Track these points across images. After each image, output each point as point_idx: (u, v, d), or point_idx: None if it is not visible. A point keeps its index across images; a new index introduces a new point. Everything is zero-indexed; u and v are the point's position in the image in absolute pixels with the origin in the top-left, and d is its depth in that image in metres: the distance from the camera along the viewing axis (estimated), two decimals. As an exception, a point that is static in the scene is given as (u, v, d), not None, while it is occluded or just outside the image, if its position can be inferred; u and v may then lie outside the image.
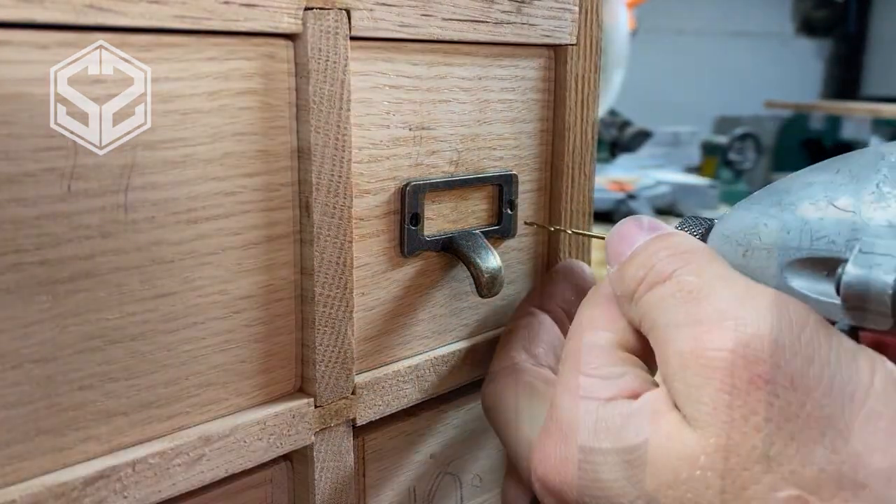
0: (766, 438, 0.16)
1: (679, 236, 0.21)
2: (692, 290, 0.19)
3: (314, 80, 0.21)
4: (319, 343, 0.23)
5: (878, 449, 0.16)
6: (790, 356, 0.17)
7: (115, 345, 0.19)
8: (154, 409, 0.20)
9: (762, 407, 0.17)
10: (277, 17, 0.20)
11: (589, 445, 0.19)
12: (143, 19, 0.18)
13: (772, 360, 0.17)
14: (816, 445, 0.16)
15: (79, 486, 0.18)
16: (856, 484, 0.16)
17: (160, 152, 0.19)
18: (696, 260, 0.20)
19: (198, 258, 0.20)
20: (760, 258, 0.20)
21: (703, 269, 0.20)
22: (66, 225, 0.18)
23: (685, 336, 0.18)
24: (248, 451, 0.21)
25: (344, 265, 0.23)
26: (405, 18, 0.23)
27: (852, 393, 0.16)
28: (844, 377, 0.17)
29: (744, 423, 0.17)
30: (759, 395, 0.17)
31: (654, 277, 0.20)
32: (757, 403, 0.17)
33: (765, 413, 0.17)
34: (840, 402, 0.16)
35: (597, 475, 0.19)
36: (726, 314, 0.18)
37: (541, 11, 0.27)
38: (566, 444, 0.20)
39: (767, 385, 0.17)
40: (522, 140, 0.28)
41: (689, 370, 0.18)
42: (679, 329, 0.19)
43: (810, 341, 0.17)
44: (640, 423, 0.19)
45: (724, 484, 0.17)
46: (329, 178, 0.22)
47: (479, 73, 0.26)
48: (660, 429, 0.18)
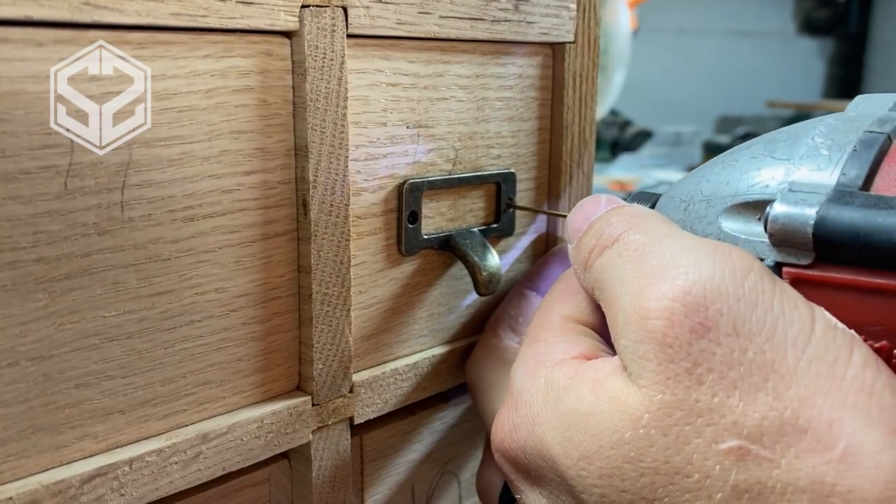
0: (707, 390, 0.16)
1: (632, 206, 0.21)
2: (637, 248, 0.19)
3: (311, 78, 0.21)
4: (317, 341, 0.23)
5: (820, 392, 0.15)
6: (733, 302, 0.17)
7: (113, 342, 0.19)
8: (151, 407, 0.20)
9: (704, 357, 0.16)
10: (274, 15, 0.20)
11: (536, 409, 0.19)
12: (139, 17, 0.18)
13: (713, 307, 0.16)
14: (759, 392, 0.16)
15: (76, 483, 0.18)
16: (797, 429, 0.15)
17: (157, 150, 0.19)
18: (643, 222, 0.20)
19: (195, 256, 0.20)
20: (699, 209, 0.20)
21: (650, 229, 0.19)
22: (63, 222, 0.18)
23: (628, 291, 0.18)
24: (245, 449, 0.21)
25: (341, 263, 0.23)
26: (402, 16, 0.23)
27: (794, 338, 0.16)
28: (787, 322, 0.16)
29: (686, 376, 0.16)
30: (702, 344, 0.16)
31: (604, 241, 0.20)
32: (699, 354, 0.16)
33: (706, 363, 0.16)
34: (783, 347, 0.16)
35: (542, 438, 0.19)
36: (668, 265, 0.18)
37: (538, 9, 0.27)
38: (517, 409, 0.20)
39: (710, 332, 0.16)
40: (521, 138, 0.28)
41: (631, 325, 0.17)
42: (623, 285, 0.18)
43: (754, 287, 0.17)
44: (581, 390, 0.18)
45: (667, 441, 0.16)
46: (326, 175, 0.22)
47: (478, 70, 0.26)
48: (602, 394, 0.18)
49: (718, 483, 0.16)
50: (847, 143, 0.18)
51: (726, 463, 0.16)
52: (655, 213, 0.21)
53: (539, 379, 0.20)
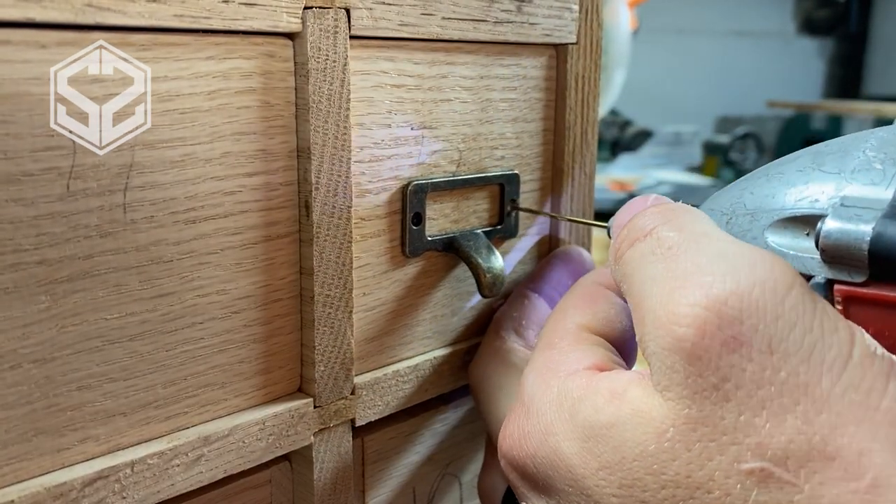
0: (734, 407, 0.16)
1: (672, 202, 0.21)
2: (671, 246, 0.18)
3: (314, 80, 0.21)
4: (319, 343, 0.22)
5: (853, 421, 0.15)
6: (770, 319, 0.16)
7: (114, 345, 0.19)
8: (153, 410, 0.20)
9: (734, 373, 0.16)
10: (277, 16, 0.20)
11: (549, 418, 0.19)
12: (142, 18, 0.18)
13: (749, 322, 0.16)
14: (787, 415, 0.15)
15: (77, 486, 0.18)
16: (825, 455, 0.15)
17: (159, 152, 0.19)
18: (679, 217, 0.19)
19: (197, 258, 0.20)
20: (743, 223, 0.20)
21: (685, 225, 0.19)
22: (65, 225, 0.18)
23: (659, 292, 0.17)
24: (247, 451, 0.21)
25: (344, 265, 0.23)
26: (405, 17, 0.23)
27: (831, 362, 0.15)
28: (825, 345, 0.16)
29: (714, 391, 0.16)
30: (732, 359, 0.16)
31: (636, 234, 0.19)
32: (729, 369, 0.16)
33: (735, 379, 0.16)
34: (819, 371, 0.15)
35: (557, 448, 0.18)
36: (704, 269, 0.17)
37: (541, 10, 0.27)
38: (528, 418, 0.20)
39: (742, 347, 0.16)
40: (524, 139, 0.28)
41: (660, 330, 0.17)
42: (654, 284, 0.18)
43: (794, 305, 0.16)
44: (597, 400, 0.18)
45: (690, 456, 0.16)
46: (329, 177, 0.22)
47: (482, 72, 0.26)
48: (623, 406, 0.17)
49: (738, 502, 0.15)
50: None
51: (748, 483, 0.15)
52: (694, 210, 0.20)
53: (552, 388, 0.20)
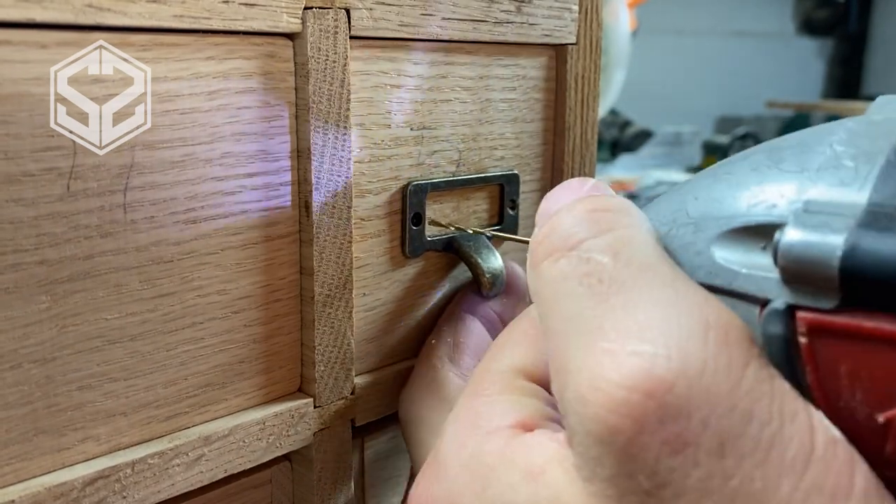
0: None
1: (613, 200, 0.17)
2: (603, 280, 0.15)
3: (314, 80, 0.21)
4: (319, 343, 0.22)
5: None
6: (724, 411, 0.13)
7: (115, 345, 0.19)
8: (153, 410, 0.20)
9: (674, 478, 0.13)
10: (277, 17, 0.20)
11: (459, 487, 0.16)
12: (142, 19, 0.18)
13: (698, 415, 0.13)
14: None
15: (78, 486, 0.18)
16: None
17: (159, 152, 0.19)
18: (616, 231, 0.15)
19: (197, 258, 0.20)
20: (685, 235, 0.16)
21: (623, 248, 0.15)
22: (66, 225, 0.18)
23: (584, 347, 0.14)
24: (247, 451, 0.21)
25: (344, 265, 0.23)
26: (405, 18, 0.23)
27: (792, 460, 0.13)
28: (785, 438, 0.13)
29: (647, 497, 0.13)
30: (674, 463, 0.13)
31: (557, 243, 0.16)
32: (668, 474, 0.13)
33: (674, 487, 0.13)
34: (778, 473, 0.12)
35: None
36: (644, 332, 0.13)
37: (541, 11, 0.27)
38: (438, 481, 0.17)
39: (688, 449, 0.13)
40: (524, 140, 0.28)
41: (587, 409, 0.13)
42: (578, 332, 0.14)
43: (751, 389, 0.13)
44: (512, 477, 0.15)
45: None
46: (329, 177, 0.22)
47: (481, 72, 0.26)
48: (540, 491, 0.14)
49: None
50: (877, 151, 0.14)
51: None
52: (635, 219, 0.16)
53: (466, 448, 0.17)
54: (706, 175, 0.17)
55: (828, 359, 0.14)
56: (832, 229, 0.13)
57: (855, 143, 0.15)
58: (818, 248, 0.13)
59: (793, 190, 0.15)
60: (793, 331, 0.14)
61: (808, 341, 0.14)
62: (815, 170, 0.15)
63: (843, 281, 0.13)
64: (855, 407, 0.13)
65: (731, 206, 0.15)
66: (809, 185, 0.14)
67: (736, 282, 0.15)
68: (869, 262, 0.13)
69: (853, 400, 0.14)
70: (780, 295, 0.14)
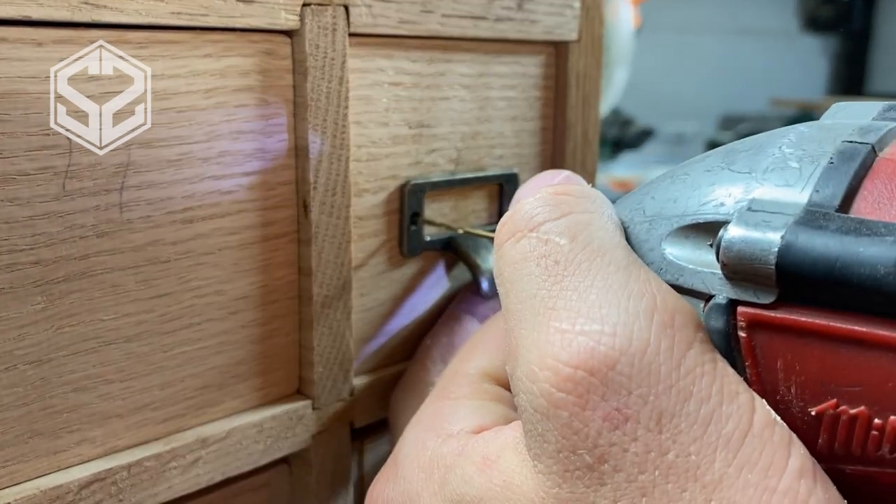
0: (609, 493, 0.13)
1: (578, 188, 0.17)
2: (559, 261, 0.15)
3: (312, 78, 0.21)
4: (318, 344, 0.22)
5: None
6: (663, 389, 0.13)
7: (111, 346, 0.19)
8: (150, 412, 0.20)
9: (613, 453, 0.13)
10: (275, 14, 0.20)
11: (417, 488, 0.16)
12: (139, 16, 0.17)
13: (638, 391, 0.13)
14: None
15: (74, 489, 0.18)
16: None
17: (156, 151, 0.19)
18: (576, 215, 0.16)
19: (194, 258, 0.20)
20: (640, 232, 0.17)
21: (581, 231, 0.15)
22: (61, 224, 0.17)
23: (536, 326, 0.14)
24: (245, 453, 0.21)
25: (342, 265, 0.22)
26: (404, 14, 0.23)
27: (728, 436, 0.13)
28: (723, 416, 0.13)
29: (588, 472, 0.13)
30: (614, 437, 0.13)
31: (520, 222, 0.16)
32: (608, 448, 0.13)
33: (614, 461, 0.13)
34: (713, 449, 0.13)
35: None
36: (592, 312, 0.14)
37: (542, 8, 0.26)
38: (395, 482, 0.17)
39: (627, 423, 0.13)
40: (523, 138, 0.28)
41: (534, 386, 0.14)
42: (532, 311, 0.15)
43: (691, 370, 0.13)
44: (468, 470, 0.15)
45: None
46: (327, 176, 0.22)
47: (480, 69, 0.26)
48: (494, 476, 0.15)
49: None
50: (822, 154, 0.15)
51: None
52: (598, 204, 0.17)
53: (426, 451, 0.17)
54: (665, 176, 0.18)
55: (766, 353, 0.14)
56: (771, 227, 0.14)
57: (802, 145, 0.15)
58: (757, 244, 0.14)
59: (740, 190, 0.15)
60: (733, 325, 0.15)
61: (748, 335, 0.14)
62: (763, 171, 0.15)
63: (779, 277, 0.14)
64: (790, 400, 0.14)
65: (683, 205, 0.16)
66: (756, 186, 0.15)
67: (682, 277, 0.16)
68: (803, 259, 0.13)
69: (788, 393, 0.14)
70: (722, 290, 0.15)
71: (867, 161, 0.14)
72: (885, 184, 0.14)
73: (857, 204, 0.14)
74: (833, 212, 0.14)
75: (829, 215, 0.14)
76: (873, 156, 0.15)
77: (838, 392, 0.13)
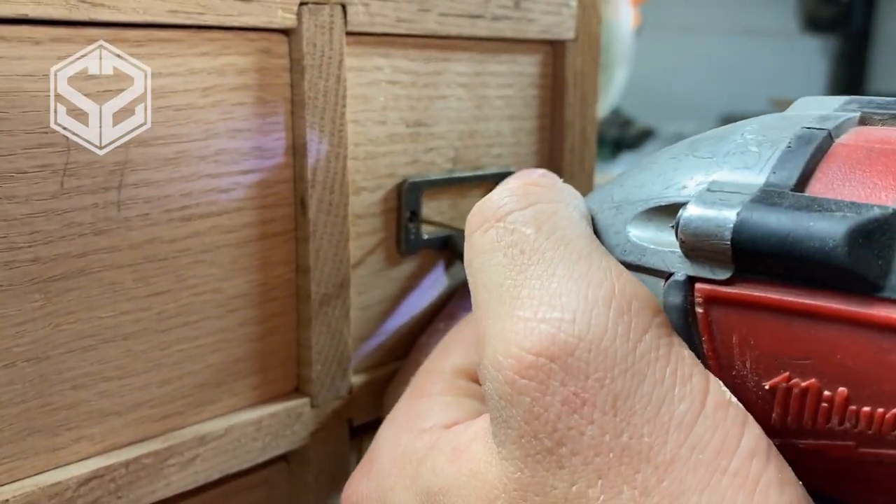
0: (567, 476, 0.13)
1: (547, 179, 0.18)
2: (525, 251, 0.15)
3: (309, 76, 0.21)
4: (316, 342, 0.22)
5: (696, 488, 0.13)
6: (618, 372, 0.14)
7: (109, 343, 0.19)
8: (148, 409, 0.20)
9: (571, 436, 0.13)
10: (272, 12, 0.20)
11: (390, 482, 0.17)
12: (136, 14, 0.18)
13: (595, 376, 0.14)
14: (624, 486, 0.13)
15: (72, 486, 0.18)
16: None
17: (154, 149, 0.19)
18: (542, 205, 0.16)
19: (192, 256, 0.20)
20: (608, 217, 0.17)
21: (546, 221, 0.16)
22: (59, 222, 0.17)
23: (502, 321, 0.15)
24: (243, 451, 0.21)
25: (341, 263, 0.22)
26: (402, 13, 0.23)
27: (681, 418, 0.13)
28: (676, 398, 0.14)
29: (547, 455, 0.14)
30: (571, 420, 0.13)
31: (488, 212, 0.17)
32: (566, 431, 0.13)
33: (571, 444, 0.13)
34: (665, 430, 0.13)
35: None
36: (553, 299, 0.14)
37: (539, 7, 0.26)
38: (369, 478, 0.18)
39: (584, 407, 0.13)
40: (521, 137, 0.28)
41: (499, 374, 0.14)
42: (498, 301, 0.15)
43: (646, 352, 0.14)
44: (438, 461, 0.16)
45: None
46: (325, 174, 0.22)
47: (478, 68, 0.26)
48: (462, 466, 0.15)
49: None
50: (781, 139, 0.15)
51: None
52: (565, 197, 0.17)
53: (398, 447, 0.17)
54: (635, 166, 0.18)
55: (721, 328, 0.14)
56: (728, 205, 0.14)
57: (763, 132, 0.16)
58: (713, 221, 0.14)
59: (702, 174, 0.16)
60: (691, 301, 0.15)
61: (704, 311, 0.15)
62: (724, 155, 0.16)
63: (735, 252, 0.14)
64: (745, 375, 0.14)
65: (648, 190, 0.17)
66: (716, 169, 0.16)
67: (644, 257, 0.16)
68: (757, 234, 0.13)
69: (744, 368, 0.14)
70: (681, 268, 0.15)
71: (824, 146, 0.15)
72: (839, 167, 0.14)
73: (811, 185, 0.14)
74: (788, 191, 0.14)
75: (783, 194, 0.14)
76: (830, 141, 0.15)
77: (790, 365, 0.14)
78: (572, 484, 0.14)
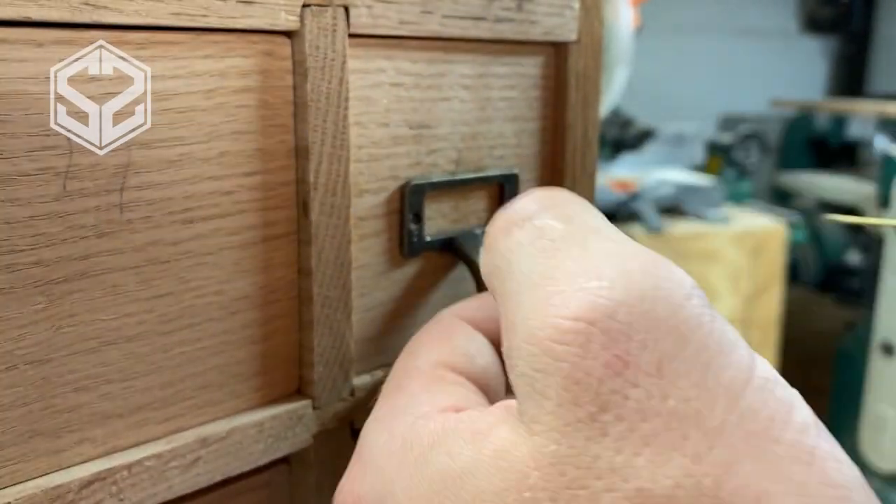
0: (612, 444, 0.13)
1: (557, 190, 0.18)
2: (555, 238, 0.15)
3: (312, 78, 0.21)
4: (318, 344, 0.22)
5: (750, 456, 0.12)
6: (662, 334, 0.13)
7: (111, 346, 0.19)
8: (150, 412, 0.20)
9: (615, 401, 0.13)
10: (275, 14, 0.20)
11: (390, 475, 0.16)
12: (139, 17, 0.17)
13: (638, 338, 0.13)
14: (674, 452, 0.12)
15: (74, 488, 0.18)
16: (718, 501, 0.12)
17: (156, 151, 0.19)
18: (566, 205, 0.16)
19: (194, 258, 0.20)
20: None
21: (574, 216, 0.16)
22: (62, 225, 0.17)
23: (536, 296, 0.14)
24: (245, 453, 0.21)
25: (343, 265, 0.22)
26: (405, 15, 0.23)
27: (728, 384, 0.13)
28: (722, 365, 0.13)
29: (590, 423, 0.13)
30: (615, 384, 0.13)
31: (513, 218, 0.17)
32: (609, 396, 0.13)
33: (616, 410, 0.13)
34: (713, 395, 0.13)
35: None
36: (590, 271, 0.14)
37: (542, 9, 0.26)
38: (364, 476, 0.17)
39: (628, 370, 0.13)
40: (524, 139, 0.28)
41: (534, 347, 0.14)
42: (531, 286, 0.15)
43: (689, 318, 0.13)
44: (454, 445, 0.15)
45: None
46: (327, 177, 0.22)
47: (481, 70, 0.26)
48: (484, 447, 0.14)
49: None
50: None
51: None
52: (581, 200, 0.17)
53: (394, 438, 0.16)
54: None
55: None
56: None
57: None
58: None
59: None
60: None
61: None
62: None
63: None
64: None
65: None
66: None
67: None
68: None
69: None
70: None
71: None
72: None
73: None
74: None
75: None
76: None
77: None
78: (618, 452, 0.13)
